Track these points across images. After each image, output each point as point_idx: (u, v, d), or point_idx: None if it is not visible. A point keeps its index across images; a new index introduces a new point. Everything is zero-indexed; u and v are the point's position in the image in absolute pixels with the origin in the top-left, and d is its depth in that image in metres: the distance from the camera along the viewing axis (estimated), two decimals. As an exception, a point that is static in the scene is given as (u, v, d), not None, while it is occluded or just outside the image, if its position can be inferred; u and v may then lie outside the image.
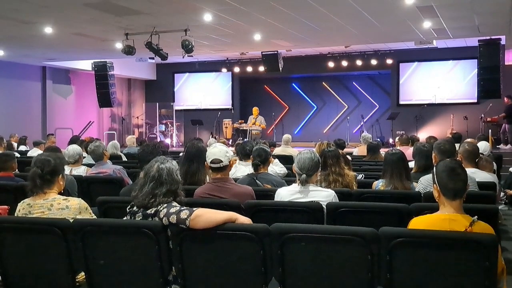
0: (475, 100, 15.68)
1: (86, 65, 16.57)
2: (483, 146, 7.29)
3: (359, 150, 9.88)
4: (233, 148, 9.82)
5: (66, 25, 10.43)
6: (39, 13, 9.37)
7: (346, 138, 15.48)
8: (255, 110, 16.46)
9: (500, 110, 14.62)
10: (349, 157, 5.83)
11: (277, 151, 9.78)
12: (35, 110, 16.47)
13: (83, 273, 3.09)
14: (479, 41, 12.38)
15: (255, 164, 4.95)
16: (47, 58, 15.30)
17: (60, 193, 3.36)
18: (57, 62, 16.09)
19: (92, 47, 13.17)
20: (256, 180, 4.75)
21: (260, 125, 16.14)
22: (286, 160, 7.81)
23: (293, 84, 19.49)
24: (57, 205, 3.22)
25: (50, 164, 3.28)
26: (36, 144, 10.27)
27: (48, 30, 10.72)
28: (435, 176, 2.89)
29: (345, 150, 8.41)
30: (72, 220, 3.10)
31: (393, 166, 4.62)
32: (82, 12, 9.21)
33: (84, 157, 6.40)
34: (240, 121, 17.17)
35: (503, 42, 12.51)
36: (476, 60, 12.98)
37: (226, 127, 17.36)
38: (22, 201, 3.34)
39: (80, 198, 3.38)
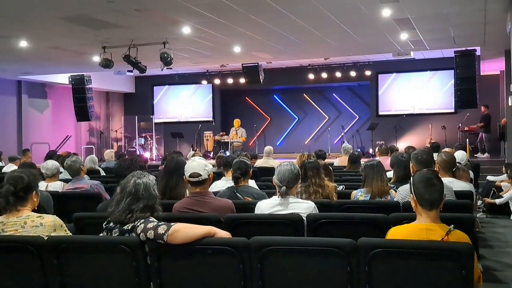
0: (453, 110, 15.92)
1: (63, 78, 16.39)
2: (460, 155, 7.37)
3: (340, 160, 9.94)
4: (213, 161, 9.79)
5: (42, 38, 10.32)
6: (14, 26, 9.26)
7: (327, 149, 15.58)
8: (236, 122, 16.45)
9: (477, 119, 14.87)
10: (330, 168, 5.85)
11: (259, 163, 9.77)
12: (11, 125, 16.20)
13: (58, 292, 3.01)
14: (455, 52, 12.59)
15: (235, 177, 4.92)
16: (22, 72, 15.12)
17: (34, 210, 3.29)
18: (33, 76, 15.89)
19: (69, 61, 13.05)
20: (237, 193, 4.72)
21: (240, 137, 16.12)
22: (268, 172, 7.82)
23: (274, 96, 19.57)
24: (31, 223, 3.15)
25: (23, 181, 3.21)
26: (11, 160, 10.10)
27: (24, 43, 10.59)
28: (412, 187, 2.91)
29: (326, 160, 8.46)
30: (46, 237, 3.04)
31: (374, 171, 4.70)
32: (58, 26, 9.13)
33: (61, 172, 6.30)
34: (221, 133, 17.13)
35: (478, 53, 12.75)
36: (453, 70, 13.18)
37: (207, 140, 17.30)
38: (-6, 219, 3.25)
39: (54, 215, 3.30)
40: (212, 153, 16.66)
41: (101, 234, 3.04)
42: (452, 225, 2.76)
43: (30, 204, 3.26)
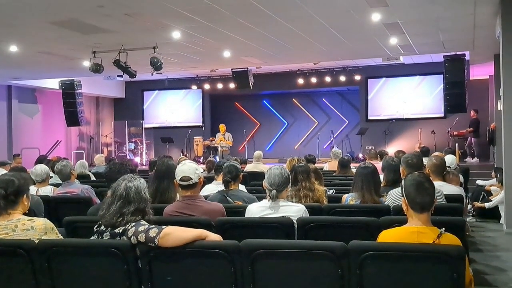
0: (442, 115, 16.03)
1: (53, 83, 16.32)
2: (450, 159, 7.42)
3: (330, 165, 9.95)
4: (204, 166, 9.78)
5: (32, 43, 10.26)
6: (3, 31, 9.20)
7: (316, 154, 15.56)
8: (222, 126, 16.45)
9: (466, 123, 14.99)
10: (320, 172, 5.87)
11: (249, 167, 9.78)
12: (0, 130, 16.09)
13: (49, 296, 3.00)
14: (444, 56, 12.69)
15: (226, 181, 4.92)
16: (12, 77, 15.02)
17: (25, 214, 3.27)
18: (23, 81, 15.80)
19: (59, 66, 12.98)
20: (227, 197, 4.72)
21: (226, 141, 16.12)
22: (258, 176, 7.84)
23: (264, 101, 19.62)
24: (22, 226, 3.13)
25: (14, 185, 3.19)
26: (1, 165, 9.95)
27: (13, 48, 10.53)
28: (403, 190, 2.92)
29: (316, 165, 8.48)
30: (37, 241, 3.02)
31: (364, 179, 4.65)
32: (48, 31, 9.08)
33: (51, 177, 6.27)
34: (211, 138, 17.16)
35: (467, 57, 12.84)
36: (442, 75, 13.29)
37: (197, 145, 17.30)
38: (-16, 223, 3.23)
39: (45, 219, 3.29)
40: (202, 158, 16.65)
41: (92, 238, 3.03)
42: (443, 228, 2.77)
43: (21, 207, 3.24)
